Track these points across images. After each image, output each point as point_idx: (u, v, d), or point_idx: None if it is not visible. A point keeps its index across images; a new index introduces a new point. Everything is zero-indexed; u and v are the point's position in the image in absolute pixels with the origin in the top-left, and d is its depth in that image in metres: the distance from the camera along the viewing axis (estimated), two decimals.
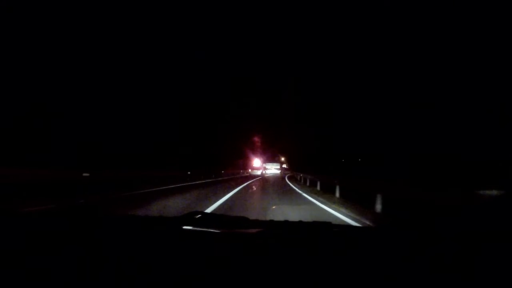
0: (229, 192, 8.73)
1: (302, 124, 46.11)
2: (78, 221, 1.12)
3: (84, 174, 8.40)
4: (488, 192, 2.77)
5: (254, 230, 1.03)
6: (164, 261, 0.72)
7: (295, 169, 37.10)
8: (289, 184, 14.06)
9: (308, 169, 19.48)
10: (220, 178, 18.38)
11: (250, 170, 38.62)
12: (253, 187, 11.69)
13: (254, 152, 43.75)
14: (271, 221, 1.17)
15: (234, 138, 39.56)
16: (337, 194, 7.91)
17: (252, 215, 3.77)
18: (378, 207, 5.21)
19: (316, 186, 11.19)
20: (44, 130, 12.20)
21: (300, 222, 1.12)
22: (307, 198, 7.78)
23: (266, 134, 49.74)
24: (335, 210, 5.45)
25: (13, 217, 1.15)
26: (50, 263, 0.69)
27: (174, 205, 5.64)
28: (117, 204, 5.74)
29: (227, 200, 6.75)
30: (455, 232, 1.02)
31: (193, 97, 28.30)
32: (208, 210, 5.15)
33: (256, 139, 48.10)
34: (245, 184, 13.14)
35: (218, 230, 1.05)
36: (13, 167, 6.81)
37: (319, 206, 6.18)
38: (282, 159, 47.21)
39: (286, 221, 1.14)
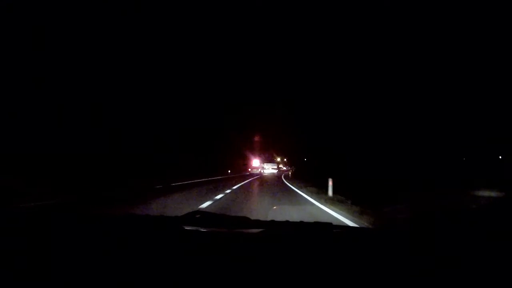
0: (245, 180, 15.79)
1: (297, 127, 51.10)
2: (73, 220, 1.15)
3: None
4: (484, 193, 2.19)
5: (255, 230, 1.04)
6: (165, 262, 0.72)
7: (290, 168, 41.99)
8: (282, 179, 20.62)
9: (304, 168, 22.20)
10: (233, 175, 25.15)
11: (250, 170, 42.30)
12: (256, 180, 18.28)
13: (254, 153, 47.87)
14: (272, 221, 1.18)
15: (239, 142, 44.06)
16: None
17: (255, 201, 6.56)
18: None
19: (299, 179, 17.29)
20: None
21: (301, 222, 1.13)
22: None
23: (264, 137, 54.76)
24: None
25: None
26: (50, 262, 0.70)
27: (221, 184, 11.68)
28: (207, 184, 11.54)
29: (245, 183, 13.36)
30: (454, 232, 1.03)
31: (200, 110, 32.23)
32: (236, 186, 10.81)
33: (255, 140, 53.36)
34: (251, 178, 19.91)
35: (219, 230, 1.09)
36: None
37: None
38: (278, 159, 53.02)
39: (287, 222, 1.16)
